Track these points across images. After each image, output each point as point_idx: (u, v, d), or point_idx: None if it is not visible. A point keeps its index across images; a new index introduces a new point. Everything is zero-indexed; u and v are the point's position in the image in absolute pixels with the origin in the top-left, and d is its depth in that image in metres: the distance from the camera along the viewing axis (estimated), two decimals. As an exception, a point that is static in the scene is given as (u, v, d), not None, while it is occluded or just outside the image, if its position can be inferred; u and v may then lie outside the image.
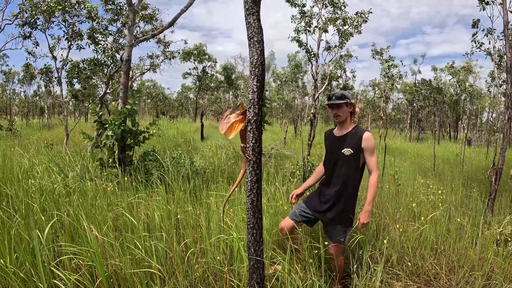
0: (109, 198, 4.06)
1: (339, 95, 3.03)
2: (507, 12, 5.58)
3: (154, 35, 5.94)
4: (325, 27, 10.03)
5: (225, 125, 2.22)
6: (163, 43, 12.51)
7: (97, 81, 11.78)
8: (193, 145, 12.25)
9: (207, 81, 28.30)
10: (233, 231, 3.19)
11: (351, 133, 3.05)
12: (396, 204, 5.48)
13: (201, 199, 4.85)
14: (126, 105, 5.76)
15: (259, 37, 2.02)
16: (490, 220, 5.24)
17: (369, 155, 2.98)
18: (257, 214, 2.19)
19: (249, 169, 2.15)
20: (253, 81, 2.05)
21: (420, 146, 19.84)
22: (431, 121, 33.13)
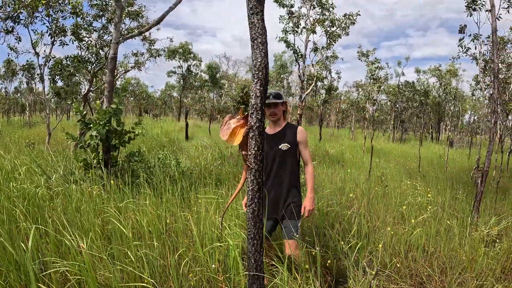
0: (95, 202, 3.89)
1: (276, 95, 3.12)
2: (495, 19, 5.64)
3: (141, 33, 5.77)
4: (313, 28, 10.01)
5: (225, 131, 2.12)
6: (148, 41, 12.23)
7: (80, 78, 11.42)
8: (178, 145, 12.05)
9: (191, 80, 28.00)
10: (229, 237, 3.10)
11: (285, 129, 3.15)
12: (385, 206, 5.49)
13: (189, 203, 4.73)
14: (111, 104, 5.58)
15: (263, 39, 1.92)
16: (476, 221, 5.32)
17: (303, 147, 3.12)
18: (258, 224, 2.10)
19: (250, 177, 2.05)
20: (256, 85, 1.95)
21: (404, 147, 20.12)
22: (413, 122, 33.77)
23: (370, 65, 13.73)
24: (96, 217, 3.54)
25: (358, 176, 8.08)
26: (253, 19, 1.91)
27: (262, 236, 2.14)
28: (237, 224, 3.63)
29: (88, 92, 9.29)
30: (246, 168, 2.11)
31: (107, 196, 4.15)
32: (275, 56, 30.54)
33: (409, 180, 8.40)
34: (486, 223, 5.06)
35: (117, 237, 3.08)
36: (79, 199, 3.85)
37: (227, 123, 2.15)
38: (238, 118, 2.12)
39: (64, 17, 9.30)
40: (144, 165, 6.55)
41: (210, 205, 4.36)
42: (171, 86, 40.96)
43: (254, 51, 1.94)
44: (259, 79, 1.96)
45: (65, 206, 3.62)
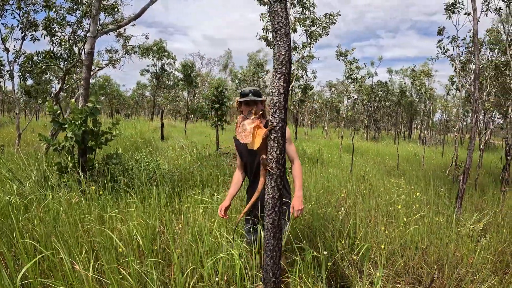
0: (76, 212, 3.54)
1: (255, 92, 2.82)
2: (477, 22, 5.71)
3: (120, 26, 5.41)
4: (294, 27, 9.91)
5: (242, 133, 1.89)
6: (123, 37, 11.67)
7: (51, 76, 10.72)
8: (154, 146, 11.59)
9: (164, 78, 27.24)
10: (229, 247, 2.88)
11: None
12: (375, 205, 5.46)
13: (174, 208, 4.47)
14: (88, 102, 5.20)
15: (286, 29, 1.71)
16: (459, 217, 5.40)
17: (288, 144, 2.86)
18: (278, 234, 1.89)
19: (271, 184, 1.84)
20: (279, 80, 1.74)
21: (379, 146, 20.48)
22: (385, 121, 34.60)
23: (348, 65, 13.81)
24: (78, 228, 3.20)
25: (340, 176, 8.03)
26: (276, 7, 1.69)
27: (281, 247, 1.94)
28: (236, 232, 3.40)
29: (60, 90, 8.71)
30: (265, 173, 1.90)
31: (88, 204, 3.81)
32: (249, 56, 30.39)
33: (392, 178, 8.45)
34: (469, 219, 5.15)
35: (106, 252, 2.77)
36: (57, 209, 3.48)
37: (241, 124, 1.92)
38: (252, 119, 1.90)
39: (36, 10, 8.69)
40: (122, 168, 6.19)
41: (197, 209, 4.13)
42: (143, 85, 39.84)
43: (277, 43, 1.73)
44: (283, 74, 1.75)
45: (42, 217, 3.25)
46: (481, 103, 8.89)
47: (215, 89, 12.42)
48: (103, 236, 2.90)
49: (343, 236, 4.04)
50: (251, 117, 1.93)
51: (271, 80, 1.82)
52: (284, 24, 1.70)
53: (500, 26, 8.44)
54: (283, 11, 1.70)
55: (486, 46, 8.87)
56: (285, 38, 1.71)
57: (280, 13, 1.69)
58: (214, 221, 3.65)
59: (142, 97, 42.20)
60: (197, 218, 3.76)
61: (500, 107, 8.95)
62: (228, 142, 14.84)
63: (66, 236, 2.94)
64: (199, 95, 32.91)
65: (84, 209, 3.66)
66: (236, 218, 3.42)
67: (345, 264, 3.47)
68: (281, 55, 1.72)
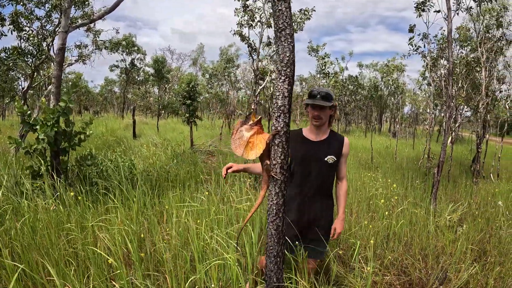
0: (55, 220, 3.33)
1: (326, 95, 2.50)
2: (451, 21, 5.87)
3: (93, 20, 5.15)
4: (269, 22, 9.85)
5: (237, 141, 1.80)
6: (93, 32, 11.16)
7: (18, 73, 10.08)
8: (126, 144, 11.25)
9: (134, 74, 26.45)
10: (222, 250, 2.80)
11: (331, 138, 2.66)
12: (356, 200, 5.54)
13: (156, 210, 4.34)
14: (60, 101, 4.94)
15: (291, 30, 1.64)
16: (435, 208, 5.58)
17: (344, 161, 2.70)
18: (282, 240, 1.85)
19: (275, 190, 1.78)
20: (283, 83, 1.67)
21: (351, 139, 20.87)
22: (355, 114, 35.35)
23: (320, 60, 13.92)
24: (60, 239, 3.01)
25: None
26: (281, 6, 1.62)
27: (284, 253, 1.90)
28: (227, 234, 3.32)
29: (28, 88, 8.21)
30: (267, 179, 1.83)
31: (66, 211, 3.60)
32: (221, 50, 30.02)
33: (368, 172, 8.62)
34: (445, 210, 5.34)
35: (95, 266, 2.62)
36: (35, 217, 3.27)
37: (238, 130, 1.83)
38: (250, 125, 1.81)
39: (2, 4, 8.10)
40: (97, 169, 5.94)
41: (180, 211, 4.02)
42: (111, 81, 38.55)
43: (282, 44, 1.66)
44: (287, 77, 1.68)
45: (19, 228, 3.03)
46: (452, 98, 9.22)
47: (186, 85, 12.16)
48: (89, 248, 2.74)
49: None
50: (249, 123, 1.84)
51: (274, 82, 1.75)
52: (289, 24, 1.64)
53: (470, 24, 8.76)
54: (288, 11, 1.63)
55: (456, 43, 9.20)
56: (290, 39, 1.65)
57: (285, 13, 1.62)
58: (201, 223, 3.57)
59: (111, 94, 40.87)
60: (182, 220, 3.66)
61: (469, 101, 9.32)
62: (202, 138, 14.67)
63: (49, 249, 2.75)
64: (169, 91, 32.27)
65: (63, 217, 3.46)
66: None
67: (332, 259, 3.49)
68: (286, 56, 1.66)
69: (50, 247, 2.74)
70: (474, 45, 8.72)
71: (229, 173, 2.48)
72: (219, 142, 13.90)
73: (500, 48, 8.36)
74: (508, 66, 9.18)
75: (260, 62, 13.15)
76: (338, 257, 3.70)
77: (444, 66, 9.42)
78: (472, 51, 8.95)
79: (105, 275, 2.51)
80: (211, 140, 13.67)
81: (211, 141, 13.57)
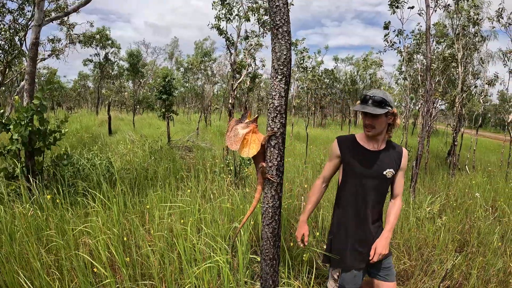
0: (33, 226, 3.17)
1: (380, 99, 2.13)
2: (429, 17, 5.98)
3: (67, 14, 4.91)
4: (247, 16, 9.74)
5: (232, 138, 1.74)
6: (66, 25, 10.68)
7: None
8: (102, 141, 10.92)
9: (108, 68, 25.69)
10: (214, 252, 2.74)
11: (389, 149, 2.30)
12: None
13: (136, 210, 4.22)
14: (33, 99, 4.71)
15: (288, 27, 1.58)
16: (414, 200, 5.71)
17: (402, 176, 2.35)
18: (277, 242, 1.81)
19: (271, 192, 1.73)
20: (280, 82, 1.62)
21: (327, 133, 21.13)
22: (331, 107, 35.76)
23: (299, 54, 13.94)
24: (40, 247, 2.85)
25: (298, 164, 8.12)
26: (278, 2, 1.56)
27: (280, 255, 1.86)
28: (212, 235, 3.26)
29: (0, 85, 7.79)
30: (262, 181, 1.78)
31: (44, 215, 3.43)
32: (196, 44, 29.63)
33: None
34: (424, 202, 5.46)
35: (82, 274, 2.50)
36: (12, 224, 3.09)
37: (233, 128, 1.76)
38: (246, 123, 1.75)
39: None
40: (74, 169, 5.73)
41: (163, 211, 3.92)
42: (85, 76, 37.31)
43: (279, 42, 1.59)
44: (284, 76, 1.62)
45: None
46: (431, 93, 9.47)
47: (162, 79, 11.95)
48: (72, 257, 2.61)
49: (313, 226, 4.09)
50: (245, 121, 1.78)
51: (270, 82, 1.69)
52: (286, 21, 1.58)
53: (447, 21, 8.98)
54: (285, 7, 1.57)
55: (433, 38, 9.40)
56: (287, 37, 1.59)
57: (282, 9, 1.56)
58: (185, 223, 3.49)
59: (85, 89, 39.57)
60: (165, 221, 3.58)
61: (444, 95, 9.58)
62: (179, 134, 14.44)
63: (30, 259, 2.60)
64: (144, 85, 31.62)
65: (41, 222, 3.30)
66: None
67: (318, 254, 3.49)
68: (283, 54, 1.60)
69: (31, 256, 2.60)
70: (450, 41, 8.97)
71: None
72: (196, 137, 13.73)
73: (474, 45, 8.63)
74: (483, 63, 9.49)
75: (237, 56, 13.05)
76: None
77: (420, 61, 9.63)
78: (448, 47, 9.20)
79: (92, 284, 2.40)
80: (188, 135, 13.47)
81: (188, 136, 13.37)
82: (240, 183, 5.81)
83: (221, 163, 7.39)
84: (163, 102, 11.74)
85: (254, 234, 3.63)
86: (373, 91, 2.20)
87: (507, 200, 5.55)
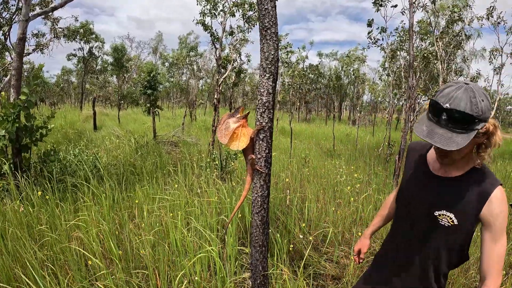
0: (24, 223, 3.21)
1: (462, 115, 1.25)
2: (413, 15, 6.19)
3: (55, 8, 4.87)
4: (232, 11, 9.80)
5: (223, 131, 1.84)
6: (51, 19, 10.51)
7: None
8: (88, 137, 10.85)
9: (92, 63, 25.28)
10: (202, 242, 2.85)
11: (468, 179, 1.41)
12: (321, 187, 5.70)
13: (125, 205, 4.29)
14: (20, 95, 4.71)
15: (276, 28, 1.70)
16: (396, 193, 5.91)
17: (491, 238, 1.36)
18: (266, 230, 1.93)
19: (260, 182, 1.85)
20: (268, 80, 1.73)
21: (312, 127, 21.37)
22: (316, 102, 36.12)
23: (283, 49, 14.06)
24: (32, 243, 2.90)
25: (283, 159, 8.27)
26: (267, 5, 1.67)
27: (268, 243, 1.99)
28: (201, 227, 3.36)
29: None
30: (252, 172, 1.90)
31: (35, 211, 3.47)
32: (180, 39, 29.47)
33: (331, 159, 8.92)
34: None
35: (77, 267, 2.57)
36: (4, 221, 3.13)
37: (225, 122, 1.87)
38: (238, 117, 1.86)
39: None
40: (61, 165, 5.74)
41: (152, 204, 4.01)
42: (68, 71, 36.58)
43: (267, 42, 1.71)
44: (272, 74, 1.74)
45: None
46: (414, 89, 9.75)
47: (147, 74, 11.90)
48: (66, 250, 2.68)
49: (298, 218, 4.22)
50: (237, 115, 1.88)
51: (259, 79, 1.81)
52: (274, 23, 1.69)
53: (432, 18, 9.23)
54: (274, 10, 1.68)
55: (417, 36, 9.67)
56: (275, 38, 1.71)
57: (271, 12, 1.67)
58: (174, 216, 3.59)
59: (68, 84, 38.85)
60: (155, 214, 3.66)
61: (427, 91, 9.87)
62: (165, 129, 14.43)
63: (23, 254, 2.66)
64: (129, 80, 31.28)
65: (33, 218, 3.35)
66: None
67: (304, 245, 3.63)
68: (271, 54, 1.72)
69: (24, 251, 2.66)
70: (433, 40, 9.24)
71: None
72: (182, 132, 13.75)
73: (458, 43, 8.92)
74: (466, 60, 9.80)
75: (222, 51, 13.09)
76: (309, 243, 3.85)
77: (404, 58, 9.88)
78: (431, 44, 9.48)
79: (87, 277, 2.48)
80: (174, 131, 13.48)
81: (174, 131, 13.38)
82: (227, 177, 5.91)
83: (207, 157, 7.48)
84: (148, 97, 11.67)
85: (242, 226, 3.75)
86: (451, 92, 1.27)
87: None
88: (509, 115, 59.43)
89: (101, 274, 2.44)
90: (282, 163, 7.71)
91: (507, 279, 3.17)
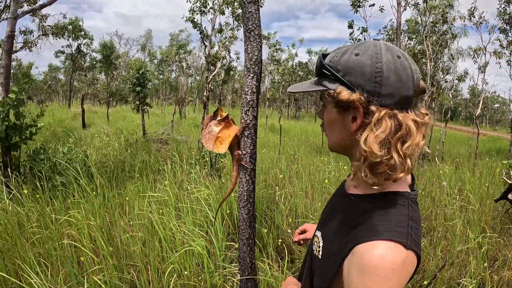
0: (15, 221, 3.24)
1: (319, 63, 0.87)
2: (400, 15, 6.33)
3: (43, 6, 4.89)
4: (222, 9, 9.85)
5: (207, 135, 1.91)
6: (39, 16, 10.40)
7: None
8: (77, 135, 10.80)
9: (80, 60, 25.04)
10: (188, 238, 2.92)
11: (363, 205, 0.85)
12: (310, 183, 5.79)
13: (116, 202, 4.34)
14: (9, 93, 4.73)
15: (259, 31, 1.78)
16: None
17: None
18: (253, 223, 2.03)
19: (245, 177, 1.94)
20: (252, 80, 1.82)
21: (301, 124, 21.55)
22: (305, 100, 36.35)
23: (271, 47, 14.16)
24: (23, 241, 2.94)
25: (272, 155, 8.34)
26: (250, 8, 1.75)
27: (255, 236, 2.08)
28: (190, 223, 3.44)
29: None
30: (238, 168, 1.99)
31: (24, 210, 3.50)
32: (171, 36, 29.37)
33: (319, 156, 9.04)
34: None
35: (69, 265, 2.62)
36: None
37: (208, 125, 1.93)
38: (219, 120, 1.93)
39: None
40: (50, 163, 5.76)
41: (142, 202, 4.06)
42: (56, 68, 36.16)
43: (251, 44, 1.80)
44: (255, 74, 1.83)
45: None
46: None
47: (136, 71, 11.88)
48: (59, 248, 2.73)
49: (286, 214, 4.31)
50: (217, 118, 1.94)
51: (243, 79, 1.89)
52: (258, 26, 1.78)
53: (419, 18, 9.38)
54: (257, 13, 1.77)
55: (405, 34, 9.82)
56: (258, 39, 1.80)
57: (254, 15, 1.76)
58: (164, 213, 3.65)
59: (56, 81, 38.41)
60: (144, 211, 3.72)
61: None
62: (154, 127, 14.42)
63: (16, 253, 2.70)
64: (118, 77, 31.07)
65: (22, 217, 3.38)
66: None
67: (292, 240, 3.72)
68: (254, 55, 1.81)
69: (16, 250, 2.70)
70: (420, 38, 9.41)
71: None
72: (171, 130, 13.77)
73: (445, 42, 9.10)
74: (453, 59, 10.00)
75: (212, 49, 13.12)
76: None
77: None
78: (419, 43, 9.65)
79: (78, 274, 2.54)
80: (163, 128, 13.49)
81: (163, 129, 13.40)
82: (216, 174, 5.98)
83: (197, 155, 7.55)
84: (137, 94, 11.65)
85: (231, 222, 3.83)
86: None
87: (473, 189, 5.83)
88: (496, 113, 60.49)
89: (94, 270, 2.50)
90: (271, 160, 7.78)
91: (492, 272, 3.29)
